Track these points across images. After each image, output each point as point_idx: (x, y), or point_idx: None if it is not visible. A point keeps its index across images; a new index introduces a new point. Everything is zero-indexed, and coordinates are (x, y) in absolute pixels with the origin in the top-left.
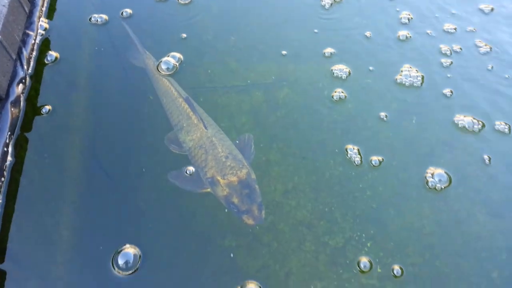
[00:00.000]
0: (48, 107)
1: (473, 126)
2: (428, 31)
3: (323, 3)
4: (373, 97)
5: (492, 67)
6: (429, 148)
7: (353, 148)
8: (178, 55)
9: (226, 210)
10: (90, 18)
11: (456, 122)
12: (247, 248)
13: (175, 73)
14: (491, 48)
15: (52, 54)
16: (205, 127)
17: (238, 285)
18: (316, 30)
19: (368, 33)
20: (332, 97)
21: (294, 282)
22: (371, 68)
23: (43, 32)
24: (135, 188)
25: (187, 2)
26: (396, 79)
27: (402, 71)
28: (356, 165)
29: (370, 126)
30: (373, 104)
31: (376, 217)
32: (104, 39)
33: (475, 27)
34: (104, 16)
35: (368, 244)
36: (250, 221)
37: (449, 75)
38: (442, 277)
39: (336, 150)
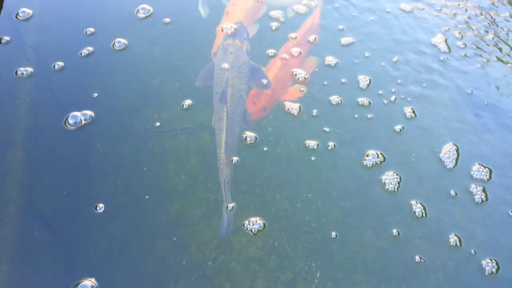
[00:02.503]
0: None
1: None
2: None
3: None
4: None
5: None
6: None
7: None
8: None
9: None
10: (16, 72)
11: None
12: None
13: (119, 121)
14: None
15: None
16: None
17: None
18: None
19: None
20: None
21: None
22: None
23: None
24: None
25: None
26: None
27: None
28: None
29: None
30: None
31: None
32: (34, 91)
33: None
34: (30, 69)
35: (317, 275)
36: None
37: None
38: None
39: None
